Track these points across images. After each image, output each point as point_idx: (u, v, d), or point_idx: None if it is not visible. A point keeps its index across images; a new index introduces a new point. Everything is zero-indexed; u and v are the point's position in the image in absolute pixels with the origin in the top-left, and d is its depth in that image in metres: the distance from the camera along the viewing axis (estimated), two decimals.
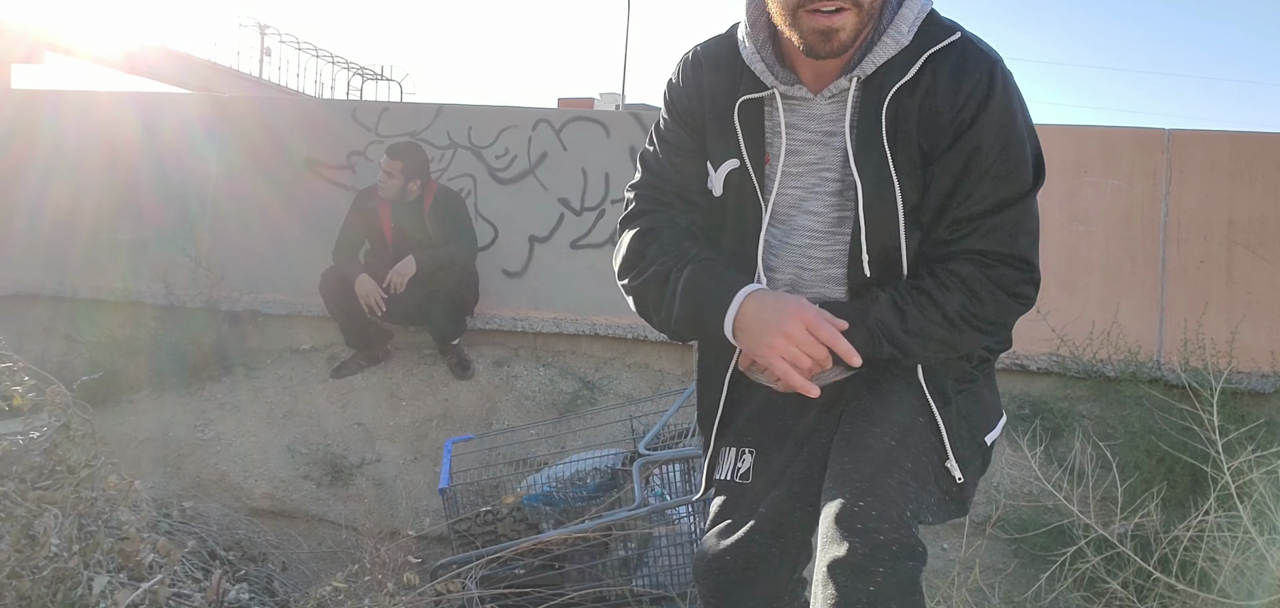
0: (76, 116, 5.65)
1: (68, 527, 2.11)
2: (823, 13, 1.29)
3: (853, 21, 1.31)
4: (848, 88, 1.39)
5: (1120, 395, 4.06)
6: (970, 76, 1.35)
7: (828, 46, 1.31)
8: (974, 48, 1.38)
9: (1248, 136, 4.47)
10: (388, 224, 4.61)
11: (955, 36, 1.37)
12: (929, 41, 1.36)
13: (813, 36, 1.31)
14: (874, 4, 1.33)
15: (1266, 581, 2.50)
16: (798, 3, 1.30)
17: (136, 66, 21.38)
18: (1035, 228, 1.45)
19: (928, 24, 1.38)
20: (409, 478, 4.20)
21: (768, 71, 1.41)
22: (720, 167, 1.46)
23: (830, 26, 1.30)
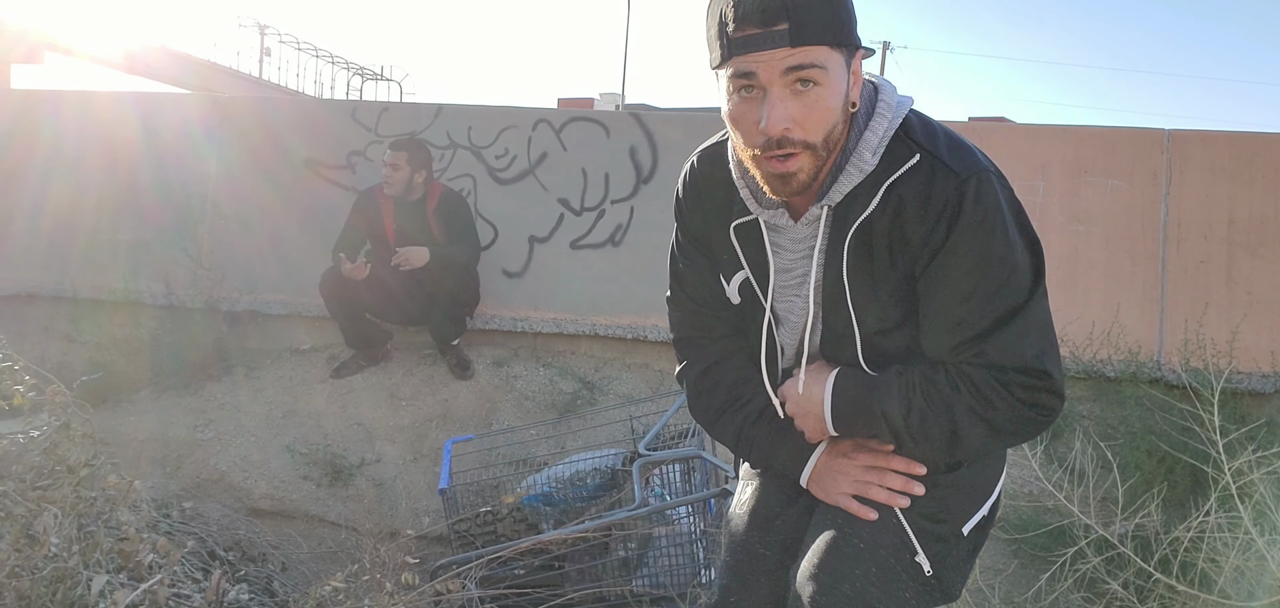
0: (76, 116, 5.65)
1: (67, 526, 2.11)
2: (777, 158, 1.30)
3: (809, 162, 1.31)
4: (820, 216, 1.41)
5: (1120, 396, 4.06)
6: (937, 199, 1.32)
7: (788, 188, 1.33)
8: (940, 166, 1.34)
9: (1248, 137, 4.47)
10: (390, 224, 4.61)
11: (915, 159, 1.34)
12: (892, 167, 1.35)
13: (772, 181, 1.34)
14: (831, 139, 1.32)
15: (1267, 581, 2.50)
16: (754, 153, 1.32)
17: (136, 66, 21.39)
18: (1045, 330, 1.39)
19: (895, 144, 1.36)
20: (409, 478, 4.19)
21: (752, 199, 1.44)
22: (732, 279, 1.53)
23: (786, 171, 1.31)
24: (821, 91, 1.27)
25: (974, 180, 1.32)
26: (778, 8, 1.23)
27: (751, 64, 1.26)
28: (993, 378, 1.37)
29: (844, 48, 1.29)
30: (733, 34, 1.26)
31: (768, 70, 1.25)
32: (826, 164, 1.35)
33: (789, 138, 1.28)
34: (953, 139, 1.38)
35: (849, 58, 1.31)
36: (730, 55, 1.27)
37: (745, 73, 1.27)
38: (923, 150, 1.34)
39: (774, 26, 1.23)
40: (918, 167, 1.33)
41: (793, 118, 1.27)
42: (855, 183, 1.36)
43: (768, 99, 1.27)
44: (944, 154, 1.34)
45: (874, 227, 1.36)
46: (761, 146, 1.30)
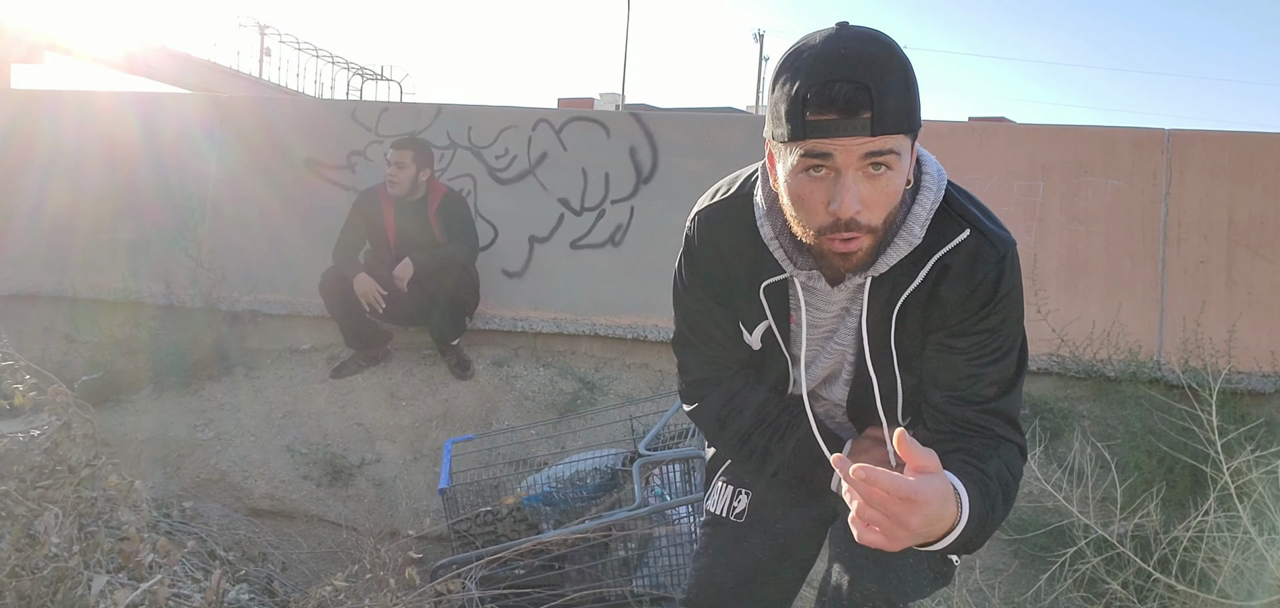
0: (76, 116, 5.65)
1: (68, 526, 2.11)
2: (841, 239, 1.32)
3: (869, 243, 1.34)
4: (862, 283, 1.44)
5: (1120, 396, 4.06)
6: (981, 271, 1.39)
7: (847, 265, 1.37)
8: (985, 242, 1.40)
9: (1248, 136, 4.47)
10: (391, 224, 4.61)
11: (965, 235, 1.39)
12: (939, 241, 1.39)
13: (834, 258, 1.36)
14: (891, 219, 1.35)
15: (1266, 581, 2.50)
16: (819, 229, 1.33)
17: (136, 66, 21.39)
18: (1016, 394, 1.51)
19: (940, 218, 1.40)
20: (409, 478, 4.20)
21: (787, 260, 1.46)
22: (753, 329, 1.56)
23: (848, 251, 1.33)
24: (892, 175, 1.29)
25: (1011, 254, 1.41)
26: (864, 98, 1.22)
27: (830, 147, 1.25)
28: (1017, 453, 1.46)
29: (913, 134, 1.31)
30: (810, 116, 1.24)
31: (846, 155, 1.25)
32: (882, 246, 1.38)
33: (857, 221, 1.29)
34: (985, 209, 1.46)
35: (914, 141, 1.33)
36: (805, 136, 1.26)
37: (821, 154, 1.26)
38: (971, 225, 1.40)
39: (858, 115, 1.23)
40: (965, 244, 1.39)
41: (863, 201, 1.28)
42: (902, 256, 1.39)
43: (841, 182, 1.27)
44: (986, 228, 1.41)
45: (914, 299, 1.43)
46: (827, 227, 1.31)
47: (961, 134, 4.77)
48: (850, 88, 1.22)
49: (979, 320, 1.41)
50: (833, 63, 1.24)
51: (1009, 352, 1.44)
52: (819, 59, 1.25)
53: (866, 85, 1.22)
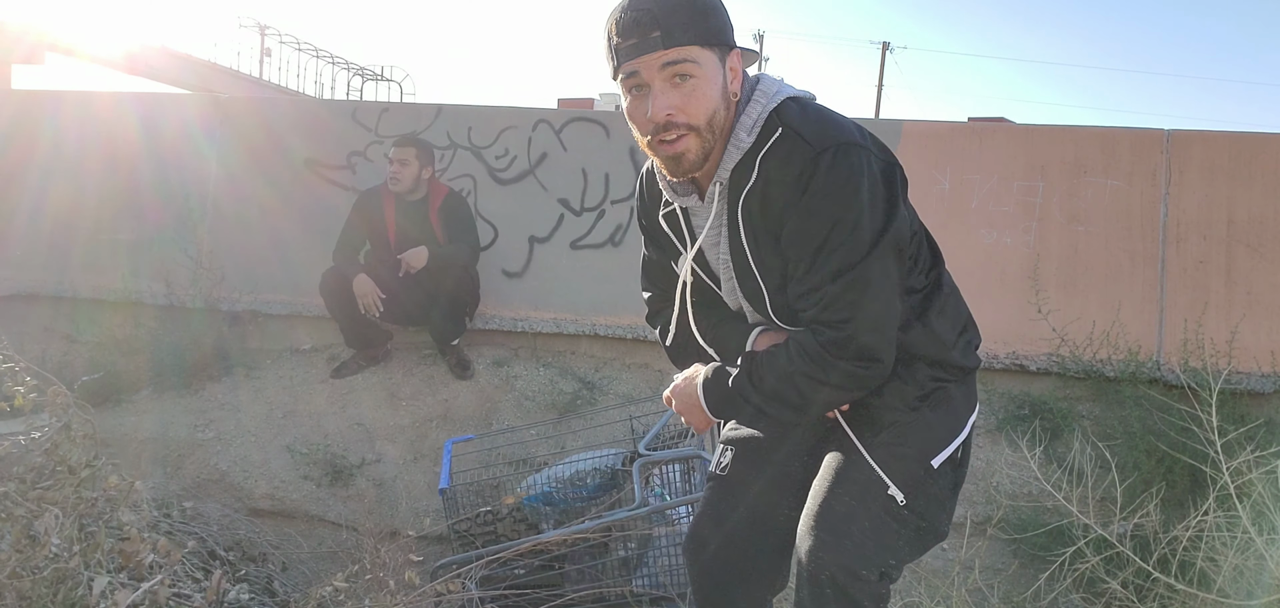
0: (76, 116, 5.65)
1: (68, 527, 2.12)
2: (666, 144, 1.54)
3: (696, 143, 1.54)
4: (715, 192, 1.63)
5: (1120, 396, 4.06)
6: (793, 168, 1.53)
7: (680, 168, 1.56)
8: (799, 141, 1.54)
9: (1248, 137, 4.47)
10: (392, 225, 4.61)
11: (778, 134, 1.55)
12: (763, 142, 1.56)
13: (667, 163, 1.57)
14: (715, 124, 1.54)
15: (1266, 581, 2.50)
16: (649, 139, 1.56)
17: (136, 67, 21.39)
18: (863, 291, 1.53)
19: (768, 124, 1.57)
20: (409, 478, 4.20)
21: (669, 191, 1.68)
22: (679, 262, 1.76)
23: (676, 152, 1.54)
24: (697, 82, 1.51)
25: (830, 152, 1.51)
26: (649, 20, 1.49)
27: (635, 66, 1.51)
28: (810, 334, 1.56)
29: (716, 47, 1.53)
30: (618, 45, 1.52)
31: (648, 69, 1.51)
32: (717, 147, 1.57)
33: (672, 122, 1.51)
34: (824, 118, 1.58)
35: (723, 55, 1.54)
36: (619, 63, 1.53)
37: (631, 73, 1.52)
38: (786, 127, 1.56)
39: (649, 34, 1.49)
40: (779, 140, 1.55)
41: (673, 105, 1.51)
42: (735, 160, 1.58)
43: (652, 93, 1.51)
44: (805, 130, 1.55)
45: (753, 197, 1.58)
46: (652, 133, 1.53)
47: (961, 134, 4.77)
48: (638, 13, 1.49)
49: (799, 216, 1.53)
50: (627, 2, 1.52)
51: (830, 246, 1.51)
52: (619, 4, 1.53)
53: (650, 9, 1.49)
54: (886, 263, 1.54)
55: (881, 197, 1.55)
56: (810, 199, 1.51)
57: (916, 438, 1.63)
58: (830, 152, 1.51)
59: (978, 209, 4.58)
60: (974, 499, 3.86)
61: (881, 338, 1.56)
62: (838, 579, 1.52)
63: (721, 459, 1.84)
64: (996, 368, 4.41)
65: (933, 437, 1.65)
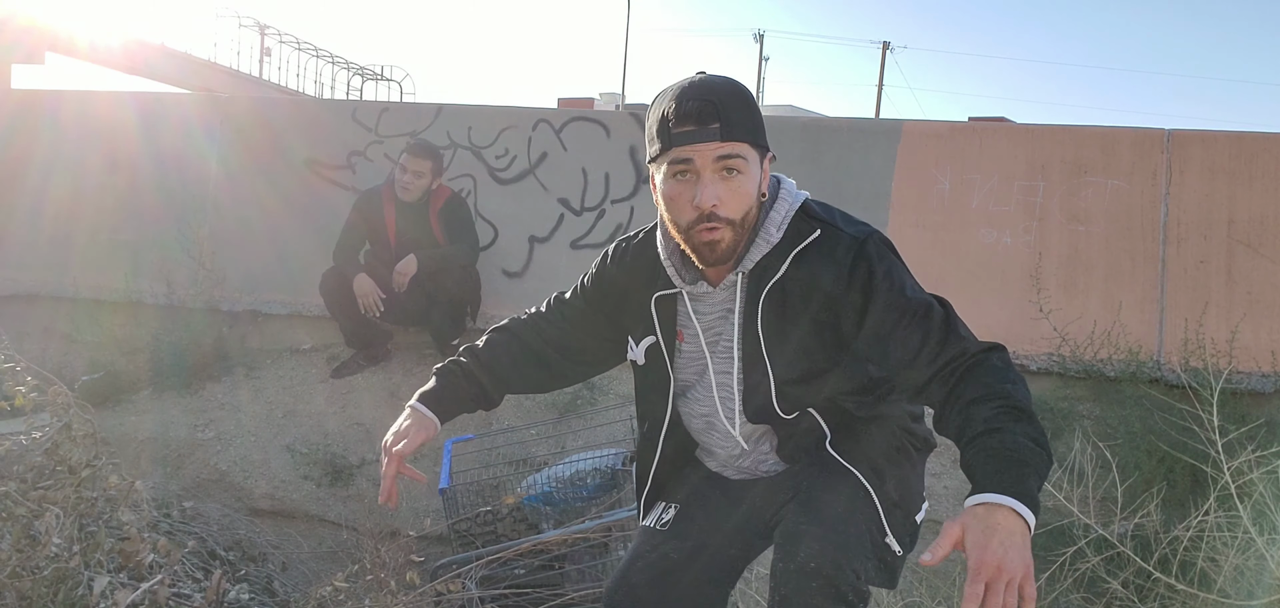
0: (76, 116, 5.65)
1: (69, 527, 2.12)
2: (706, 229, 1.59)
3: (730, 235, 1.60)
4: (736, 281, 1.68)
5: (1120, 395, 4.06)
6: (841, 257, 1.61)
7: (713, 255, 1.61)
8: (838, 233, 1.64)
9: (1248, 136, 4.47)
10: (392, 225, 4.60)
11: (816, 233, 1.64)
12: (796, 239, 1.64)
13: (702, 249, 1.61)
14: (748, 219, 1.62)
15: (1266, 581, 2.50)
16: (687, 223, 1.60)
17: (136, 66, 21.39)
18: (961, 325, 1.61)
19: (796, 220, 1.66)
20: (409, 478, 4.19)
21: (676, 275, 1.71)
22: (640, 341, 1.79)
23: (712, 239, 1.59)
24: (742, 179, 1.59)
25: (870, 239, 1.62)
26: (712, 111, 1.55)
27: (689, 153, 1.56)
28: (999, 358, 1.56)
29: (758, 148, 1.61)
30: (674, 129, 1.56)
31: (702, 158, 1.56)
32: (743, 240, 1.63)
33: (717, 213, 1.57)
34: (845, 214, 1.70)
35: (761, 157, 1.63)
36: (670, 146, 1.57)
37: (683, 160, 1.57)
38: (822, 223, 1.65)
39: (709, 124, 1.55)
40: (820, 238, 1.63)
41: (719, 197, 1.57)
42: (763, 252, 1.64)
43: (701, 181, 1.56)
44: (839, 222, 1.66)
45: (786, 287, 1.63)
46: (693, 221, 1.58)
47: (961, 134, 4.77)
48: (701, 104, 1.56)
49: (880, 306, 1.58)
50: (687, 89, 1.58)
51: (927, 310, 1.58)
52: (678, 90, 1.59)
53: (713, 102, 1.56)
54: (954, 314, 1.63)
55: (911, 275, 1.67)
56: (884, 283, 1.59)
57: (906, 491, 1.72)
58: (870, 239, 1.62)
59: (978, 209, 4.58)
60: None
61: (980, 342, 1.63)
62: (826, 571, 1.54)
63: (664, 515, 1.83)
64: None
65: (912, 496, 1.75)
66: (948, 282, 4.54)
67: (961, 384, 1.55)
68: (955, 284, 4.54)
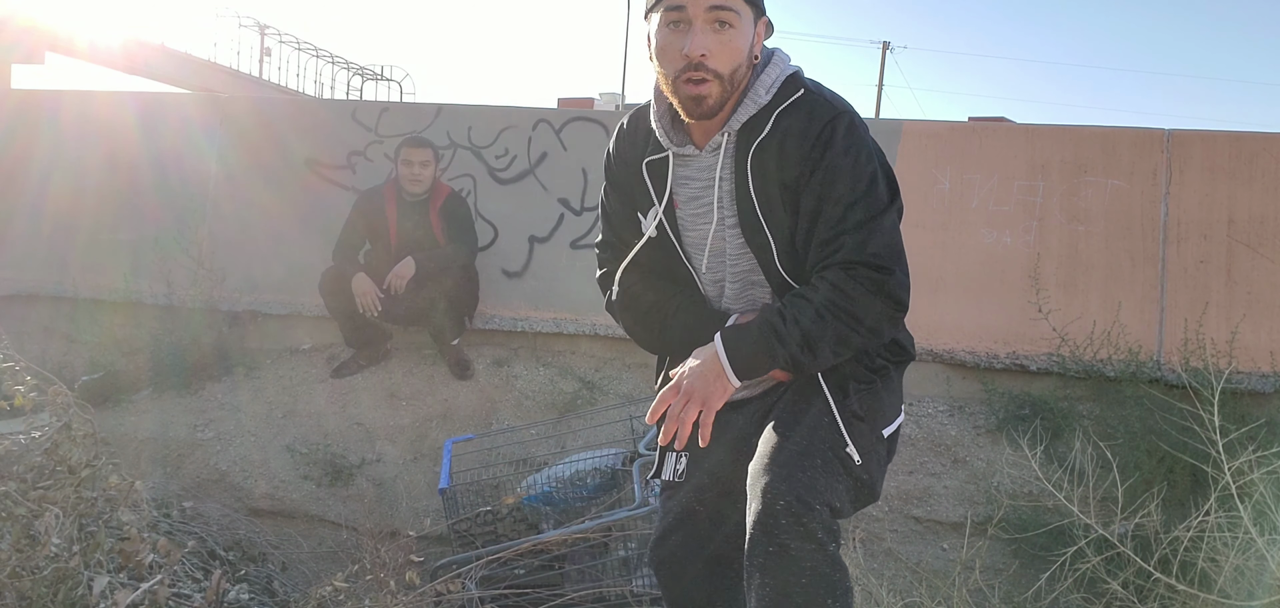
0: (76, 116, 5.65)
1: (68, 527, 2.11)
2: (692, 82, 1.62)
3: (717, 90, 1.63)
4: (722, 142, 1.70)
5: (1120, 395, 4.06)
6: (815, 124, 1.64)
7: (699, 110, 1.64)
8: (820, 100, 1.67)
9: (1248, 136, 4.47)
10: (393, 224, 4.61)
11: (800, 93, 1.67)
12: (781, 100, 1.67)
13: (687, 101, 1.64)
14: (736, 77, 1.64)
15: (1267, 581, 2.50)
16: (675, 75, 1.63)
17: (136, 66, 21.38)
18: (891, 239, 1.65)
19: (785, 86, 1.68)
20: (409, 478, 4.20)
21: (665, 136, 1.73)
22: (647, 214, 1.80)
23: (698, 93, 1.62)
24: (733, 33, 1.62)
25: (846, 116, 1.65)
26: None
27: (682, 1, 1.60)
28: (844, 274, 1.61)
29: (753, 7, 1.64)
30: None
31: (695, 7, 1.60)
32: (731, 99, 1.66)
33: (705, 64, 1.60)
34: (830, 91, 1.72)
35: (755, 18, 1.66)
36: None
37: (676, 6, 1.61)
38: (806, 89, 1.68)
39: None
40: (801, 99, 1.67)
41: (708, 47, 1.60)
42: (751, 113, 1.67)
43: (692, 30, 1.60)
44: (824, 93, 1.69)
45: (767, 149, 1.66)
46: (681, 69, 1.61)
47: (961, 134, 4.77)
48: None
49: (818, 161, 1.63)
50: None
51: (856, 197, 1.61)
52: None
53: None
54: (896, 219, 1.67)
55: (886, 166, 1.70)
56: (835, 156, 1.62)
57: (873, 407, 1.73)
58: (849, 116, 1.65)
59: (978, 209, 4.58)
60: (974, 499, 3.86)
61: (908, 285, 1.65)
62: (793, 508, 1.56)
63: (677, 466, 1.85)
64: (997, 368, 4.41)
65: (882, 411, 1.75)
66: (948, 282, 4.54)
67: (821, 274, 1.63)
68: (955, 284, 4.54)
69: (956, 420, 4.28)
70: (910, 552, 3.74)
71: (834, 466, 1.63)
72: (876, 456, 1.72)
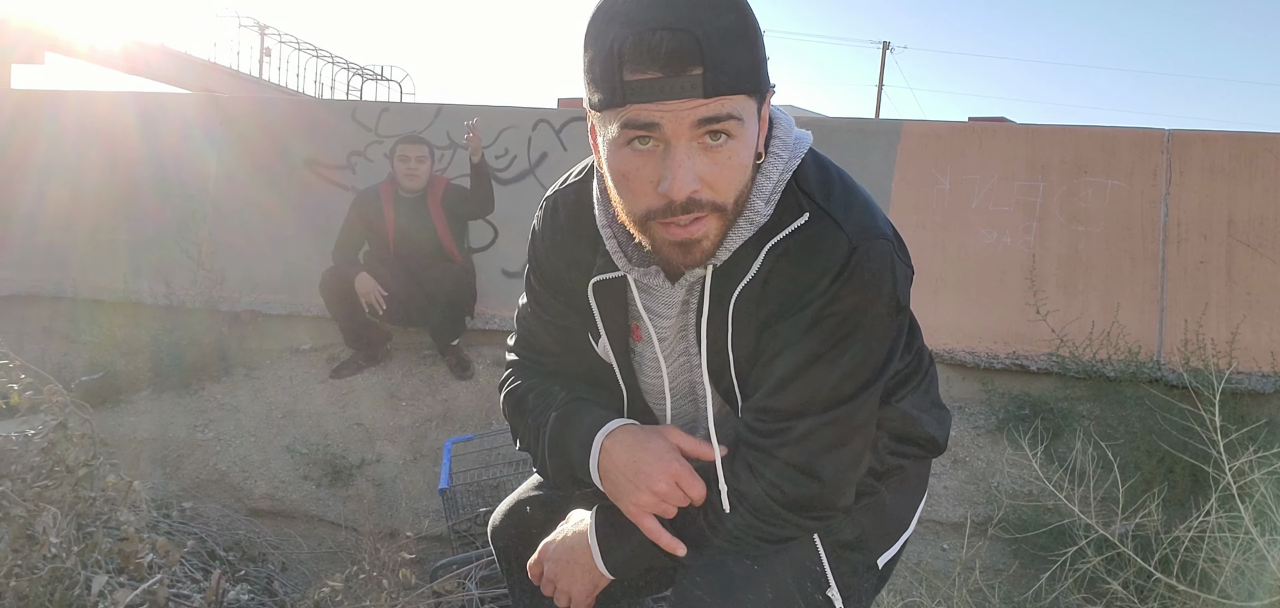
0: (76, 116, 5.65)
1: (66, 527, 2.11)
2: (678, 226, 1.08)
3: (716, 226, 1.11)
4: (704, 275, 1.20)
5: (1120, 396, 4.06)
6: (819, 261, 1.15)
7: (690, 259, 1.12)
8: (829, 228, 1.15)
9: (1248, 136, 4.47)
10: (391, 223, 4.61)
11: (803, 220, 1.16)
12: (780, 224, 1.16)
13: (670, 250, 1.11)
14: (741, 199, 1.12)
15: (1267, 581, 2.50)
16: (647, 214, 1.09)
17: (136, 66, 21.39)
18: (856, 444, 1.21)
19: (787, 194, 1.18)
20: (409, 478, 4.19)
21: (620, 254, 1.22)
22: (598, 339, 1.32)
23: (690, 238, 1.09)
24: (735, 146, 1.07)
25: (871, 253, 1.15)
26: (691, 50, 1.00)
27: (654, 115, 1.03)
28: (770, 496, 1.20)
29: (758, 94, 1.09)
30: (629, 77, 1.02)
31: (675, 123, 1.03)
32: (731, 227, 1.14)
33: (697, 199, 1.07)
34: (849, 190, 1.20)
35: (761, 104, 1.11)
36: (624, 101, 1.03)
37: (645, 123, 1.04)
38: (815, 207, 1.17)
39: (687, 72, 1.01)
40: (806, 227, 1.16)
41: (701, 177, 1.06)
42: (744, 239, 1.16)
43: (671, 155, 1.05)
44: (836, 211, 1.16)
45: (749, 294, 1.19)
46: (659, 211, 1.08)
47: (961, 134, 4.77)
48: (675, 37, 0.99)
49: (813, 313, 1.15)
50: (652, 7, 1.01)
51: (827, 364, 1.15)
52: (637, 5, 1.02)
53: (695, 34, 1.00)
54: (875, 399, 1.21)
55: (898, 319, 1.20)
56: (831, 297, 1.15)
57: (872, 530, 1.31)
58: (869, 254, 1.15)
59: (978, 209, 4.58)
60: (974, 500, 3.85)
61: (848, 491, 1.24)
62: None
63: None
64: (997, 368, 4.41)
65: (884, 530, 1.33)
66: (948, 282, 4.54)
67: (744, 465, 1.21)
68: (955, 284, 4.53)
69: (956, 421, 4.28)
70: (910, 552, 3.74)
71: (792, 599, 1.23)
72: (863, 594, 1.31)
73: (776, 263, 1.16)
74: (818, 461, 1.18)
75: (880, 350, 1.19)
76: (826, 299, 1.14)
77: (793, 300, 1.16)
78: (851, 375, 1.17)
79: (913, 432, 1.34)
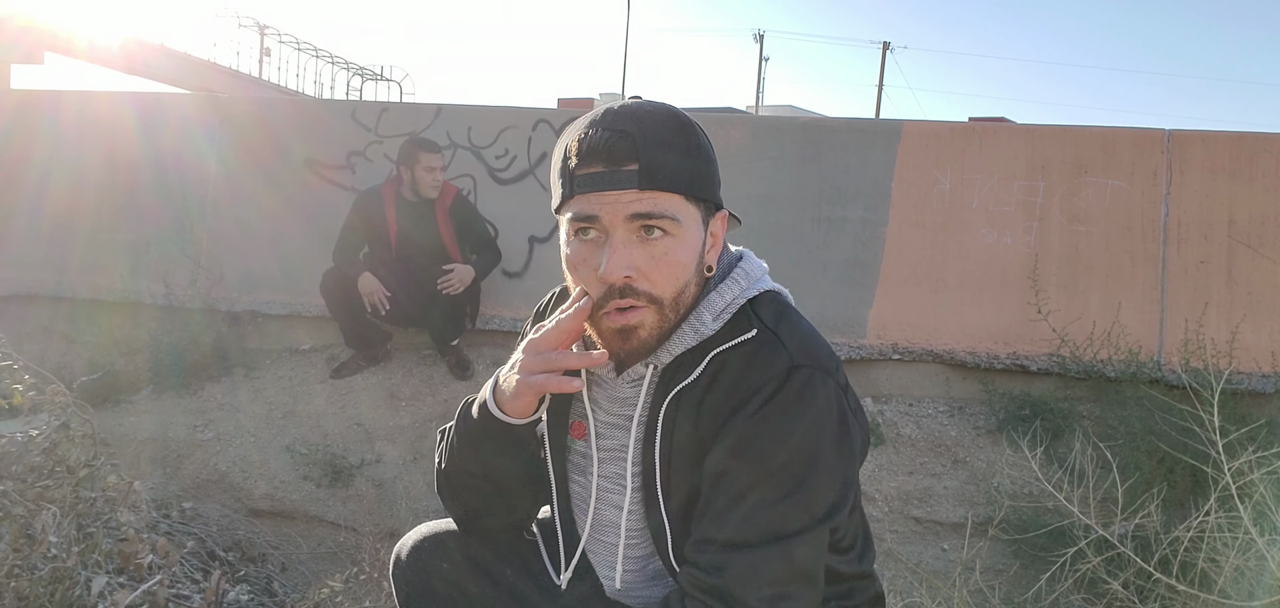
0: (76, 116, 5.65)
1: (67, 527, 2.11)
2: (617, 311, 1.17)
3: (653, 319, 1.17)
4: (644, 375, 1.25)
5: (1120, 396, 4.06)
6: (764, 371, 1.16)
7: (628, 345, 1.18)
8: (775, 348, 1.17)
9: (1248, 136, 4.47)
10: (393, 225, 4.60)
11: (751, 334, 1.19)
12: (725, 339, 1.20)
13: (611, 337, 1.19)
14: (681, 300, 1.18)
15: (1267, 581, 2.50)
16: (594, 304, 1.19)
17: (136, 66, 21.39)
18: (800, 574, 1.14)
19: (739, 316, 1.22)
20: (409, 478, 4.19)
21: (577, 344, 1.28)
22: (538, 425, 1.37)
23: (627, 324, 1.17)
24: (671, 243, 1.15)
25: (806, 371, 1.15)
26: (628, 147, 1.12)
27: (593, 206, 1.14)
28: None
29: (701, 203, 1.18)
30: (576, 170, 1.15)
31: (611, 213, 1.14)
32: (670, 327, 1.20)
33: (632, 286, 1.15)
34: (805, 331, 1.21)
35: (707, 215, 1.20)
36: (572, 194, 1.15)
37: (587, 216, 1.15)
38: (763, 327, 1.20)
39: (622, 166, 1.12)
40: (751, 340, 1.19)
41: (635, 266, 1.15)
42: (687, 346, 1.21)
43: (609, 243, 1.14)
44: (784, 334, 1.19)
45: (687, 398, 1.21)
46: (602, 299, 1.17)
47: (961, 134, 4.77)
48: (612, 136, 1.12)
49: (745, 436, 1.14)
50: (602, 117, 1.16)
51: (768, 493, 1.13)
52: (592, 117, 1.17)
53: (630, 134, 1.12)
54: (821, 543, 1.17)
55: (844, 456, 1.18)
56: (764, 421, 1.14)
57: None
58: (806, 372, 1.15)
59: (978, 209, 4.58)
60: (975, 500, 3.85)
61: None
62: None
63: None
64: (997, 368, 4.41)
65: None
66: (948, 282, 4.54)
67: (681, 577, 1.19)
68: (955, 284, 4.53)
69: (956, 421, 4.28)
70: (910, 552, 3.74)
71: None
72: None
73: (719, 371, 1.19)
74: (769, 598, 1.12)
75: (826, 489, 1.16)
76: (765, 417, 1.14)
77: (733, 409, 1.16)
78: (795, 509, 1.13)
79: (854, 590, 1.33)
